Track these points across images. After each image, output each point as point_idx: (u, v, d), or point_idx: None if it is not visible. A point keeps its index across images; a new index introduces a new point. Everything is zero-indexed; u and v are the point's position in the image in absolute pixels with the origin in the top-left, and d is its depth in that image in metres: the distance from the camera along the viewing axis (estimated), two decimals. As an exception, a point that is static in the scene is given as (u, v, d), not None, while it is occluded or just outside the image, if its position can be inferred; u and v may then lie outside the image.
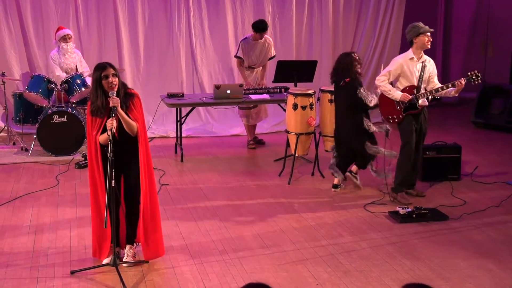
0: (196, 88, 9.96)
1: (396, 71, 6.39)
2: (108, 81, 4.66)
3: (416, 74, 6.31)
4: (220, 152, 8.62)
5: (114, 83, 4.67)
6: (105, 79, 4.66)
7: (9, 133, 8.81)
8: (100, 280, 4.67)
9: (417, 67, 6.31)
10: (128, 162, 4.84)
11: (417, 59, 6.31)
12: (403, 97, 6.30)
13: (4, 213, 6.07)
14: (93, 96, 4.74)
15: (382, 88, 6.47)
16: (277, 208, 6.32)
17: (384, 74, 6.47)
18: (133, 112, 4.78)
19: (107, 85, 4.67)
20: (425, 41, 6.24)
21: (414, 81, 6.31)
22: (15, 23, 9.29)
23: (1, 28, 9.22)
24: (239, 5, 9.92)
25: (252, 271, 4.84)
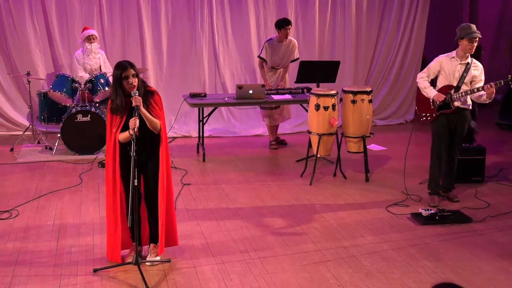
0: (218, 88, 9.98)
1: (434, 68, 6.35)
2: (128, 82, 4.69)
3: (456, 75, 6.21)
4: (242, 152, 8.63)
5: (134, 84, 4.71)
6: (125, 80, 4.70)
7: (34, 132, 8.91)
8: (122, 278, 4.70)
9: (458, 67, 6.22)
10: (147, 160, 4.86)
11: (459, 59, 6.21)
12: (437, 97, 6.25)
13: (29, 211, 6.14)
14: (113, 95, 4.78)
15: (419, 85, 6.44)
16: (299, 208, 6.31)
17: (424, 71, 6.45)
18: (154, 110, 4.81)
19: (127, 85, 4.70)
20: (466, 46, 6.12)
21: (452, 80, 6.23)
22: (40, 23, 9.40)
23: (27, 28, 9.33)
24: (262, 6, 9.93)
25: (273, 271, 4.84)
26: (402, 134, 6.91)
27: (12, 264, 4.89)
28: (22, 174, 7.45)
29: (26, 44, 9.37)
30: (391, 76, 10.57)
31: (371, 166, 7.48)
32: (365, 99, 7.14)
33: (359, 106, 7.13)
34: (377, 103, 10.26)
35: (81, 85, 8.40)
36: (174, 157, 8.14)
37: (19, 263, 4.92)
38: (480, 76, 6.25)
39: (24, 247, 5.24)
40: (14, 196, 6.60)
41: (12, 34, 9.33)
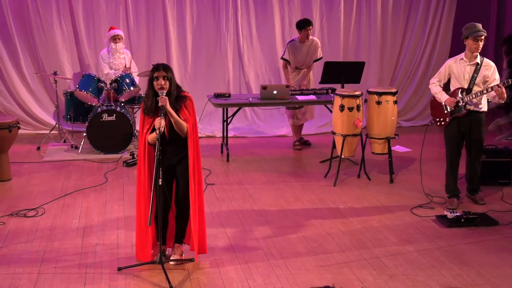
0: (242, 88, 10.00)
1: (444, 72, 6.29)
2: (158, 83, 4.73)
3: (466, 76, 6.14)
4: (265, 152, 8.63)
5: (164, 86, 4.73)
6: (155, 80, 4.74)
7: (60, 131, 9.01)
8: (146, 277, 4.72)
9: (467, 69, 6.16)
10: (177, 163, 4.88)
11: (468, 60, 6.15)
12: (448, 102, 6.18)
13: (55, 209, 6.21)
14: (146, 96, 4.84)
15: (431, 90, 6.39)
16: (323, 209, 6.29)
17: (435, 76, 6.39)
18: (184, 113, 4.82)
19: (157, 86, 4.74)
20: (472, 45, 6.03)
21: (463, 83, 6.17)
22: (67, 23, 9.50)
23: (54, 28, 9.44)
24: (287, 6, 9.93)
25: (296, 272, 4.83)
26: (427, 135, 6.84)
27: (38, 262, 4.95)
28: (48, 172, 7.54)
29: (53, 44, 9.47)
30: (417, 76, 10.49)
31: (395, 167, 7.44)
32: (390, 100, 7.10)
33: (384, 107, 7.09)
34: (402, 104, 10.18)
35: (106, 85, 8.47)
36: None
37: (45, 261, 4.98)
38: (493, 76, 6.14)
39: (50, 245, 5.30)
40: (40, 194, 6.67)
41: (39, 34, 9.44)
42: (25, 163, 7.91)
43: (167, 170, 4.84)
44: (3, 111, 9.47)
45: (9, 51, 9.44)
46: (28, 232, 5.59)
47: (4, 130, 7.04)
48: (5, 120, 7.21)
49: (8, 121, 7.19)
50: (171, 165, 4.87)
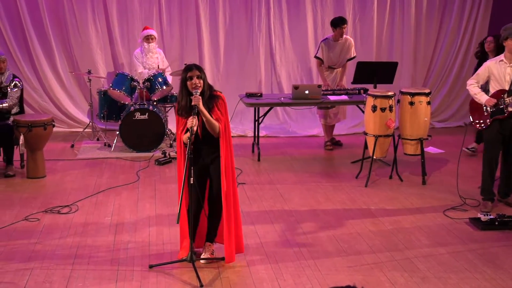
0: (274, 88, 10.00)
1: (483, 74, 6.19)
2: (191, 82, 4.75)
3: (507, 78, 6.02)
4: (297, 152, 8.62)
5: (198, 84, 4.76)
6: (189, 80, 4.76)
7: (94, 129, 9.12)
8: (177, 275, 4.75)
9: (508, 70, 6.04)
10: (211, 163, 4.90)
11: (509, 62, 6.03)
12: (488, 102, 6.08)
13: (88, 207, 6.28)
14: (179, 96, 4.87)
15: (469, 91, 6.29)
16: (354, 210, 6.26)
17: (473, 77, 6.29)
18: (216, 113, 4.84)
19: (190, 86, 4.76)
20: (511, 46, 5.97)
21: (504, 84, 6.06)
22: (101, 23, 9.61)
23: (89, 28, 9.56)
24: (320, 6, 9.89)
25: (327, 273, 4.81)
26: (460, 137, 6.76)
27: (72, 258, 5.02)
28: (81, 170, 7.64)
29: (88, 43, 9.60)
30: (451, 77, 10.36)
31: (428, 169, 7.36)
32: (423, 101, 7.03)
33: (417, 108, 7.02)
34: (435, 105, 10.07)
35: (139, 84, 8.55)
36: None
37: (78, 257, 5.04)
38: None
39: (83, 242, 5.37)
40: (74, 191, 6.76)
41: (74, 33, 9.57)
42: (59, 160, 8.03)
43: (201, 169, 4.87)
44: (39, 109, 9.62)
45: (45, 50, 9.59)
46: (61, 229, 5.67)
47: (39, 128, 7.15)
48: (40, 118, 7.32)
49: (43, 119, 7.30)
50: (205, 164, 4.90)
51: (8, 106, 7.30)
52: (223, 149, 4.84)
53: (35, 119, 7.28)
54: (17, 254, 5.09)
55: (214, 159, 4.89)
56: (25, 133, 7.06)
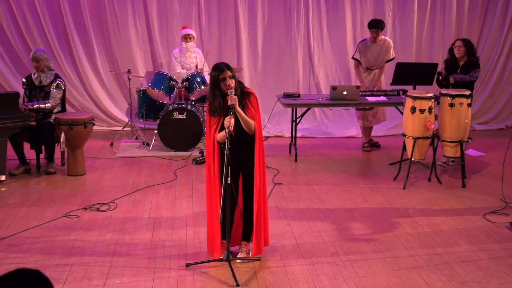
0: (312, 89, 9.97)
1: None
2: (225, 83, 4.76)
3: None
4: (334, 153, 8.58)
5: (231, 85, 4.77)
6: (222, 81, 4.77)
7: (132, 128, 9.22)
8: (213, 274, 4.77)
9: None
10: (245, 161, 4.91)
11: None
12: None
13: (126, 205, 6.36)
14: (211, 97, 4.86)
15: None
16: (391, 212, 6.20)
17: None
18: (250, 110, 4.85)
19: (224, 87, 4.77)
20: None
21: None
22: (141, 23, 9.72)
23: (129, 28, 9.68)
24: (359, 6, 9.83)
25: (363, 275, 4.77)
26: (502, 140, 6.65)
27: (110, 255, 5.08)
28: (120, 168, 7.73)
29: (128, 43, 9.72)
30: (493, 79, 10.19)
31: (468, 172, 7.25)
32: (464, 103, 6.93)
33: (457, 110, 6.92)
34: (476, 107, 9.92)
35: (178, 83, 8.61)
36: (267, 156, 8.15)
37: (116, 254, 5.10)
38: None
39: (121, 239, 5.43)
40: (112, 189, 6.85)
41: (115, 33, 9.71)
42: (98, 158, 8.14)
43: (234, 168, 4.88)
44: (79, 108, 9.78)
45: (86, 50, 9.74)
46: (100, 226, 5.75)
47: (79, 126, 7.26)
48: (80, 117, 7.44)
49: (83, 117, 7.41)
50: (239, 162, 4.90)
51: (50, 106, 7.43)
52: (257, 146, 4.85)
53: (76, 117, 7.39)
54: (57, 250, 5.17)
55: (247, 157, 4.89)
56: (66, 131, 7.18)
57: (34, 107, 7.32)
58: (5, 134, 6.97)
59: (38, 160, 7.60)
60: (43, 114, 7.42)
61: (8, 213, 6.06)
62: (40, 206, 6.28)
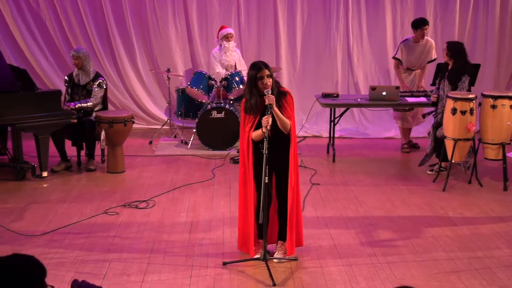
0: (351, 89, 9.91)
1: None
2: (263, 82, 4.76)
3: None
4: (372, 154, 8.51)
5: (269, 84, 4.77)
6: (260, 80, 4.77)
7: (171, 126, 9.30)
8: (250, 273, 4.78)
9: None
10: (279, 160, 4.90)
11: None
12: None
13: (164, 203, 6.41)
14: (247, 95, 4.86)
15: None
16: (430, 214, 6.12)
17: None
18: (286, 110, 4.85)
19: (261, 85, 4.77)
20: None
21: None
22: (181, 22, 9.80)
23: (169, 27, 9.76)
24: (399, 6, 9.73)
25: (401, 277, 4.72)
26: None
27: (148, 252, 5.13)
28: (159, 166, 7.80)
29: (168, 42, 9.80)
30: (535, 80, 9.98)
31: (510, 174, 7.11)
32: (506, 104, 6.80)
33: (499, 112, 6.80)
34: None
35: (217, 83, 8.65)
36: (304, 156, 8.17)
37: (154, 252, 5.15)
38: None
39: (159, 237, 5.48)
40: (151, 187, 6.92)
41: (155, 32, 9.80)
42: (137, 156, 8.23)
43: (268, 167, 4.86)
44: (119, 106, 9.91)
45: (127, 49, 9.86)
46: (139, 223, 5.81)
47: (119, 124, 7.35)
48: (120, 115, 7.53)
49: (123, 115, 7.50)
50: (272, 162, 4.88)
51: (92, 105, 7.54)
52: (292, 146, 4.85)
53: (116, 115, 7.48)
54: (96, 246, 5.25)
55: (282, 155, 4.88)
56: (106, 129, 7.28)
57: (76, 107, 7.43)
58: (48, 132, 7.11)
59: (79, 157, 7.72)
60: (84, 112, 7.53)
61: (50, 208, 6.18)
62: (81, 202, 6.38)
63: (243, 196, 4.98)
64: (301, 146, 8.80)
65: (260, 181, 4.73)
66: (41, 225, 5.71)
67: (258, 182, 4.82)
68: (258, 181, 4.82)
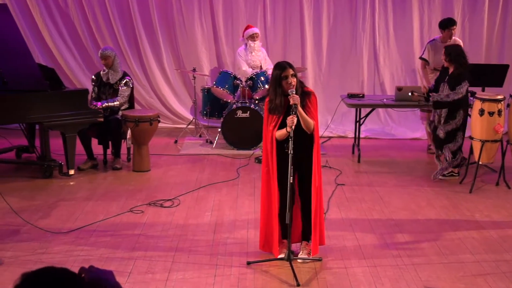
0: (376, 89, 9.85)
1: None
2: (287, 81, 4.76)
3: None
4: (398, 155, 8.45)
5: (293, 83, 4.76)
6: (284, 79, 4.77)
7: (196, 126, 9.34)
8: (274, 273, 4.77)
9: None
10: (302, 159, 4.89)
11: None
12: None
13: (189, 201, 6.44)
14: (272, 95, 4.86)
15: None
16: (456, 216, 6.05)
17: None
18: (309, 110, 4.84)
19: (286, 85, 4.77)
20: None
21: None
22: (207, 22, 9.83)
23: (195, 26, 9.80)
24: (427, 5, 9.65)
25: (427, 279, 4.68)
26: None
27: (173, 251, 5.16)
28: (184, 165, 7.84)
29: (193, 41, 9.84)
30: None
31: (538, 177, 7.02)
32: (536, 106, 6.71)
33: (528, 113, 6.71)
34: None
35: (242, 82, 8.66)
36: (329, 157, 8.15)
37: (179, 250, 5.17)
38: None
39: (184, 235, 5.51)
40: (176, 186, 6.95)
41: (181, 32, 9.85)
42: (163, 155, 8.28)
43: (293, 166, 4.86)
44: (145, 105, 9.97)
45: (153, 48, 9.92)
46: (164, 222, 5.84)
47: (145, 123, 7.40)
48: (146, 114, 7.57)
49: (149, 114, 7.55)
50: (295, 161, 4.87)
51: (118, 104, 7.60)
52: (315, 146, 4.84)
53: (142, 114, 7.53)
54: (122, 244, 5.29)
55: (305, 155, 4.86)
56: (132, 128, 7.33)
57: (103, 106, 7.50)
58: (75, 130, 7.18)
59: (105, 156, 7.79)
60: (110, 110, 7.60)
61: (76, 206, 6.24)
62: (106, 200, 6.44)
63: (265, 195, 4.98)
64: (326, 146, 8.77)
65: (283, 181, 4.73)
66: (68, 223, 5.77)
67: (281, 182, 4.82)
68: (281, 181, 4.82)
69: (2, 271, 4.70)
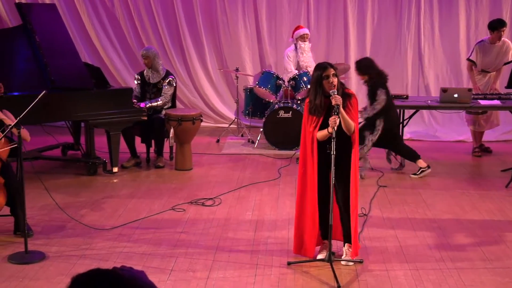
0: (421, 90, 9.73)
1: None
2: (328, 81, 4.73)
3: None
4: (442, 157, 8.32)
5: (334, 83, 4.73)
6: (325, 79, 4.74)
7: (239, 125, 9.37)
8: (315, 274, 4.75)
9: None
10: (341, 160, 4.85)
11: None
12: None
13: (230, 200, 6.46)
14: (312, 95, 4.83)
15: None
16: (502, 221, 5.93)
17: None
18: (350, 112, 4.80)
19: (327, 85, 4.74)
20: None
21: None
22: (251, 22, 9.86)
23: (238, 27, 9.84)
24: (474, 6, 9.48)
25: (470, 284, 4.59)
26: None
27: (214, 249, 5.18)
28: (225, 164, 7.87)
29: (237, 41, 9.88)
30: None
31: None
32: None
33: None
34: None
35: (284, 82, 8.65)
36: (372, 158, 8.05)
37: (220, 249, 5.20)
38: None
39: (225, 234, 5.53)
40: (217, 185, 6.98)
41: (225, 32, 9.90)
42: (205, 154, 8.33)
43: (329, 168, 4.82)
44: (188, 104, 10.05)
45: (197, 48, 10.00)
46: (205, 220, 5.87)
47: (188, 122, 7.46)
48: (189, 113, 7.63)
49: (192, 113, 7.61)
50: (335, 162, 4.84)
51: (162, 103, 7.68)
52: (354, 147, 4.80)
53: (184, 113, 7.59)
54: (164, 242, 5.34)
55: (344, 156, 4.82)
56: (175, 127, 7.40)
57: (147, 106, 7.58)
58: (119, 128, 7.28)
59: (148, 154, 7.88)
60: (154, 109, 7.68)
61: (120, 203, 6.33)
62: (149, 198, 6.51)
63: (300, 196, 4.96)
64: (368, 148, 8.69)
65: (322, 181, 4.71)
66: (111, 219, 5.86)
67: (320, 183, 4.80)
68: (321, 182, 4.80)
69: (48, 266, 4.80)
